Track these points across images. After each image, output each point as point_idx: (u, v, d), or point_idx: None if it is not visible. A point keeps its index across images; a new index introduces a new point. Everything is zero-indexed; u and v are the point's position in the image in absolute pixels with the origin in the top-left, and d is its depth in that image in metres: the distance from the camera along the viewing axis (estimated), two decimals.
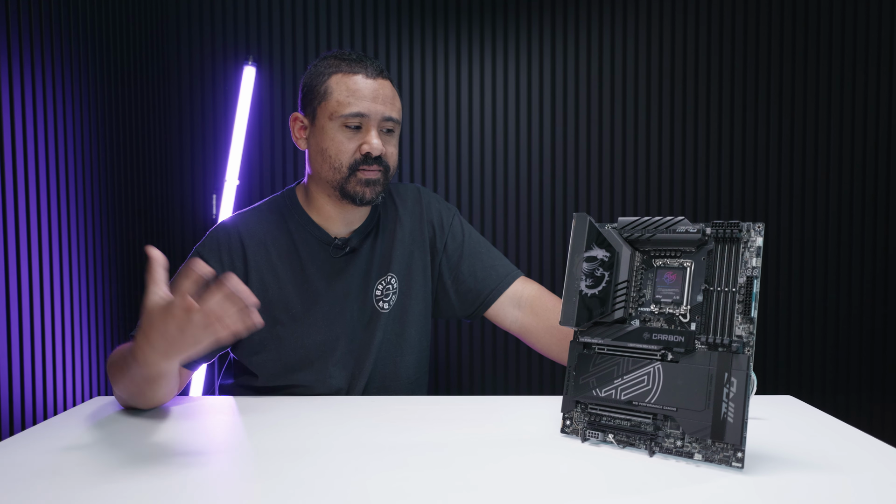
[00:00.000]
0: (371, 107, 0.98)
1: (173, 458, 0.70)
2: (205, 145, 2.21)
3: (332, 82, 1.00)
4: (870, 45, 2.22)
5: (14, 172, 1.37)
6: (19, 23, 1.40)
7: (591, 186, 2.27)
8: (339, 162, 0.99)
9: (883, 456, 0.69)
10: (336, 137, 0.99)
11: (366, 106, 0.98)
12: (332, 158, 1.00)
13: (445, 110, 2.27)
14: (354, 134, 0.99)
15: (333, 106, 0.99)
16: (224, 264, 1.02)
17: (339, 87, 0.99)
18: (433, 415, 0.88)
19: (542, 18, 2.26)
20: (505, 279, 1.12)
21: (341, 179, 1.00)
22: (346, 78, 0.99)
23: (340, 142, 0.99)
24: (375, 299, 1.07)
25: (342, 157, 0.99)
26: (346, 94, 0.98)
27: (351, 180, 1.00)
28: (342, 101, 0.98)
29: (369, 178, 0.99)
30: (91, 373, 1.68)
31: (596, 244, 0.74)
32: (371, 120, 0.99)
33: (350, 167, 0.99)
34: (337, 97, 0.99)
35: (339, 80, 0.99)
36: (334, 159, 1.00)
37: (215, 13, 2.21)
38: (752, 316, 0.66)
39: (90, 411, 0.91)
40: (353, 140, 0.99)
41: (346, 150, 0.99)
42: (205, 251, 1.03)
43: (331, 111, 0.99)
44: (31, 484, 0.62)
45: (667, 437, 0.69)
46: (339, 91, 0.99)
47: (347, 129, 0.99)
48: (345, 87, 0.99)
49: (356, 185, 1.00)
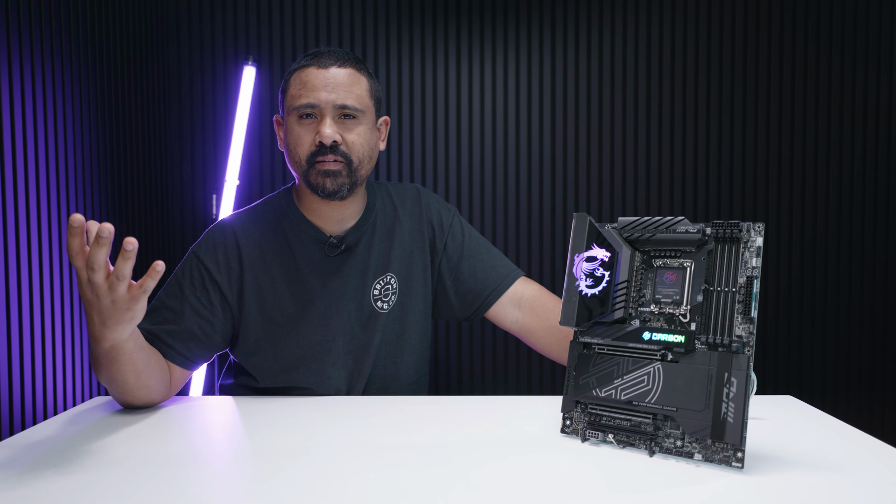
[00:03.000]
0: (320, 95, 0.98)
1: (173, 458, 0.70)
2: (205, 145, 2.21)
3: (292, 80, 1.02)
4: (870, 45, 2.22)
5: (14, 172, 1.37)
6: (19, 23, 1.40)
7: (591, 186, 2.27)
8: (298, 155, 1.00)
9: (883, 456, 0.69)
10: (294, 130, 1.00)
11: (314, 96, 0.98)
12: (292, 152, 1.01)
13: (445, 110, 2.27)
14: (311, 123, 0.99)
15: (289, 101, 1.01)
16: (220, 264, 1.02)
17: (294, 82, 1.01)
18: (433, 415, 0.88)
19: (542, 18, 2.26)
20: (505, 279, 1.12)
21: (303, 173, 1.00)
22: (301, 72, 1.00)
23: (298, 134, 1.00)
24: (373, 299, 1.07)
25: (300, 149, 1.00)
26: (299, 86, 1.00)
27: (311, 172, 0.99)
28: (294, 93, 1.00)
29: (327, 169, 0.98)
30: (91, 373, 1.68)
31: (596, 244, 0.74)
32: (323, 109, 0.98)
33: (307, 159, 0.99)
34: (291, 91, 1.01)
35: (296, 76, 1.01)
36: (294, 153, 1.00)
37: (215, 13, 2.21)
38: (752, 316, 0.66)
39: (90, 411, 0.91)
40: (310, 131, 0.99)
41: (303, 143, 0.99)
42: (201, 251, 1.03)
43: (288, 105, 1.01)
44: (31, 484, 0.62)
45: (667, 437, 0.69)
46: (294, 85, 1.00)
47: (303, 121, 0.99)
48: (298, 80, 1.00)
49: (316, 177, 0.99)
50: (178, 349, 0.97)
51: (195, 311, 0.98)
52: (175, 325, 0.97)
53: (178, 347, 0.97)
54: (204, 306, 0.99)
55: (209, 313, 1.00)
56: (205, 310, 0.99)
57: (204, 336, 0.99)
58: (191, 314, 0.98)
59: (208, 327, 0.99)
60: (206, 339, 1.00)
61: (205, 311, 0.99)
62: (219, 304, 1.01)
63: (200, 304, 0.99)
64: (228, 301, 1.01)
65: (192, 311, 0.98)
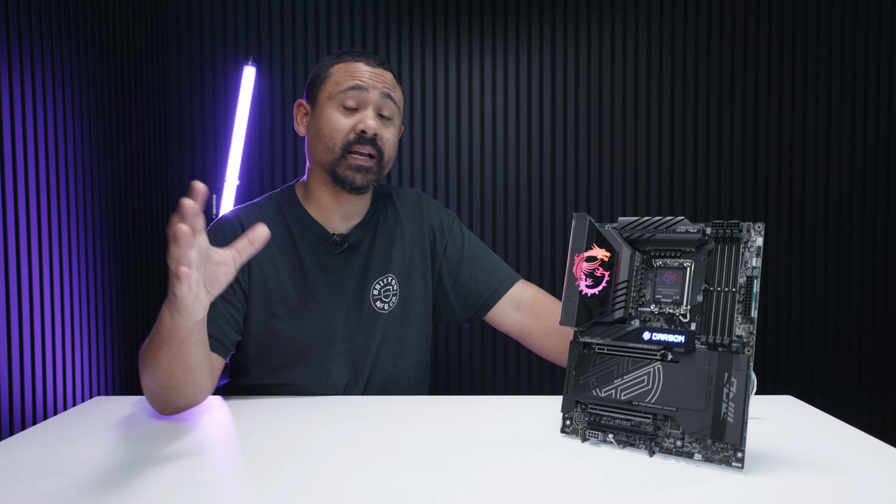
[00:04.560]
0: (369, 82, 1.01)
1: (172, 457, 0.70)
2: (205, 145, 2.21)
3: (334, 69, 1.03)
4: (870, 45, 2.22)
5: (14, 172, 1.37)
6: (19, 23, 1.40)
7: (591, 186, 2.27)
8: (333, 141, 1.00)
9: (883, 456, 0.69)
10: (332, 116, 1.01)
11: (363, 81, 1.00)
12: (326, 138, 1.01)
13: (445, 110, 2.27)
14: (351, 114, 1.01)
15: (331, 87, 1.02)
16: None
17: (339, 71, 1.02)
18: (433, 415, 0.88)
19: (542, 19, 2.26)
20: (505, 282, 1.12)
21: (333, 161, 1.01)
22: (347, 64, 1.02)
23: (336, 120, 1.00)
24: (373, 299, 1.07)
25: (336, 135, 1.00)
26: (345, 74, 1.01)
27: (342, 163, 1.00)
28: (340, 81, 1.01)
29: (360, 164, 1.00)
30: (91, 373, 1.68)
31: (596, 244, 0.74)
32: (368, 97, 1.00)
33: (343, 147, 1.00)
34: (335, 79, 1.02)
35: (340, 66, 1.03)
36: (328, 138, 1.00)
37: (215, 13, 2.21)
38: (752, 316, 0.66)
39: (90, 411, 0.91)
40: (349, 119, 1.00)
41: (340, 129, 1.00)
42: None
43: (329, 91, 1.02)
44: (31, 484, 0.62)
45: (667, 437, 0.69)
46: (339, 73, 1.02)
47: (344, 109, 1.01)
48: (345, 70, 1.02)
49: (346, 170, 1.00)
50: (216, 336, 0.96)
51: (223, 297, 0.98)
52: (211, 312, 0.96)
53: (216, 335, 0.96)
54: (228, 292, 0.99)
55: (234, 298, 1.00)
56: (230, 295, 1.00)
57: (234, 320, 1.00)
58: (220, 300, 0.98)
59: (236, 312, 1.00)
60: (236, 324, 1.00)
61: (230, 297, 1.00)
62: (238, 289, 1.01)
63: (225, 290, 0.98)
64: (243, 288, 1.02)
65: (221, 298, 0.98)
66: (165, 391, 0.83)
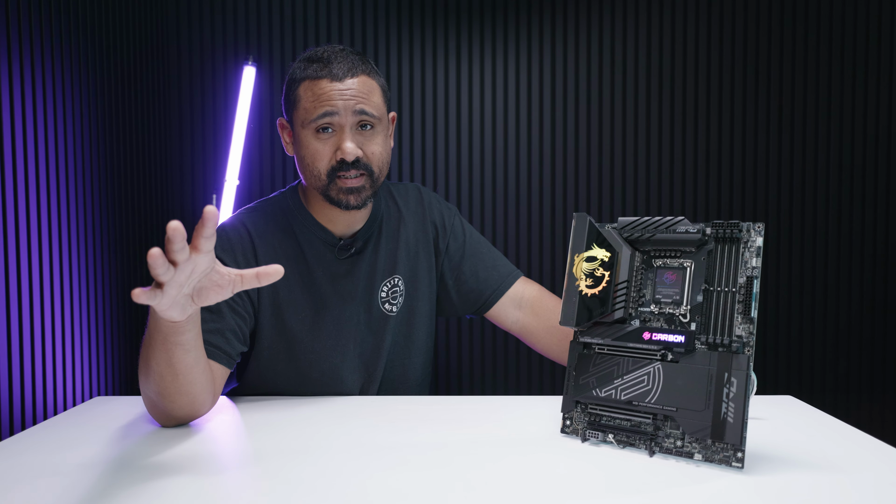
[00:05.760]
0: (337, 107, 0.95)
1: (173, 458, 0.70)
2: (205, 145, 2.21)
3: (301, 90, 0.97)
4: (870, 46, 2.22)
5: (14, 172, 1.37)
6: (19, 23, 1.40)
7: (591, 186, 2.27)
8: (317, 170, 0.97)
9: (883, 456, 0.69)
10: (311, 145, 0.97)
11: (331, 110, 0.95)
12: (309, 167, 0.98)
13: (445, 110, 2.27)
14: (329, 138, 0.96)
15: (302, 114, 0.97)
16: (240, 265, 0.99)
17: (306, 94, 0.97)
18: (433, 415, 0.88)
19: (542, 19, 2.26)
20: (507, 279, 1.12)
21: (323, 187, 0.98)
22: (313, 84, 0.96)
23: (315, 149, 0.96)
24: (381, 301, 1.06)
25: (318, 164, 0.96)
26: (313, 99, 0.96)
27: (332, 188, 0.97)
28: (308, 107, 0.96)
29: (350, 186, 0.96)
30: (91, 373, 1.68)
31: (596, 244, 0.74)
32: (341, 119, 0.95)
33: (328, 174, 0.96)
34: (304, 104, 0.97)
35: (306, 86, 0.97)
36: (311, 167, 0.97)
37: (215, 13, 2.21)
38: (752, 316, 0.66)
39: (90, 411, 0.91)
40: (328, 145, 0.96)
41: (321, 157, 0.96)
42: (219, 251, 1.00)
43: (301, 119, 0.97)
44: (31, 484, 0.62)
45: (667, 437, 0.69)
46: (307, 98, 0.96)
47: (321, 134, 0.96)
48: (311, 93, 0.96)
49: (339, 193, 0.97)
50: (222, 347, 0.94)
51: (231, 307, 0.96)
52: (217, 322, 0.94)
53: (221, 345, 0.94)
54: (236, 302, 0.97)
55: (242, 309, 0.98)
56: (238, 305, 0.97)
57: (240, 331, 0.97)
58: (227, 310, 0.96)
59: (243, 323, 0.98)
60: (242, 336, 0.98)
61: (238, 307, 0.97)
62: (247, 299, 0.99)
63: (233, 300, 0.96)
64: (251, 299, 1.00)
65: (229, 308, 0.96)
66: (160, 398, 0.81)
